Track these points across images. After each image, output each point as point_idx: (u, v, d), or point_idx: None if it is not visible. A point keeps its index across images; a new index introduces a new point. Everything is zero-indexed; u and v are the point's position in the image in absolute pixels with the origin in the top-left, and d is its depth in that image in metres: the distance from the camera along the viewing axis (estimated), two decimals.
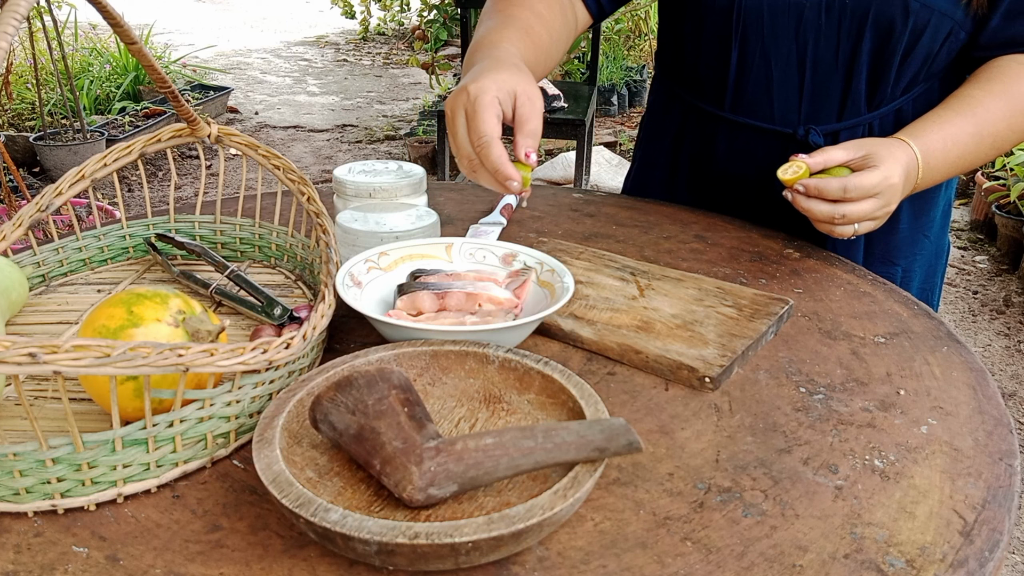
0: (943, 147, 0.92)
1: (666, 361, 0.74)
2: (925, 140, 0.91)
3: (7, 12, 0.53)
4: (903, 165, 0.88)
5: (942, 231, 1.13)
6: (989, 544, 0.55)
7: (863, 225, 0.89)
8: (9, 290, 0.79)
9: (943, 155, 0.92)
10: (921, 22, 0.93)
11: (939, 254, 1.14)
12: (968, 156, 0.93)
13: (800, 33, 0.98)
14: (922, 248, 1.10)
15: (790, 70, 1.01)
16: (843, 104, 1.01)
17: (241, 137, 0.90)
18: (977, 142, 0.93)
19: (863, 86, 1.00)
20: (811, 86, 1.01)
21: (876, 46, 0.96)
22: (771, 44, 1.01)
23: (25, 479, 0.56)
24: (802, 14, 0.97)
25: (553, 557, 0.54)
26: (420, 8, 4.82)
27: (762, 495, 0.60)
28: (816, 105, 1.02)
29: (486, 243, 0.87)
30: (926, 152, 0.91)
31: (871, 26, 0.95)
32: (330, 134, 5.01)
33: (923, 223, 1.09)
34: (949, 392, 0.73)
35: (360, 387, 0.57)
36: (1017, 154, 3.13)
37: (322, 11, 8.99)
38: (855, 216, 0.87)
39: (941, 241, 1.13)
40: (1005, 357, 2.63)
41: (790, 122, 1.04)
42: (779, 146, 1.05)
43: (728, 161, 1.10)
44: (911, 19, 0.93)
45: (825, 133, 1.03)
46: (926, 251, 1.11)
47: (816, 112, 1.03)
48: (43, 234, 2.31)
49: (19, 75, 4.45)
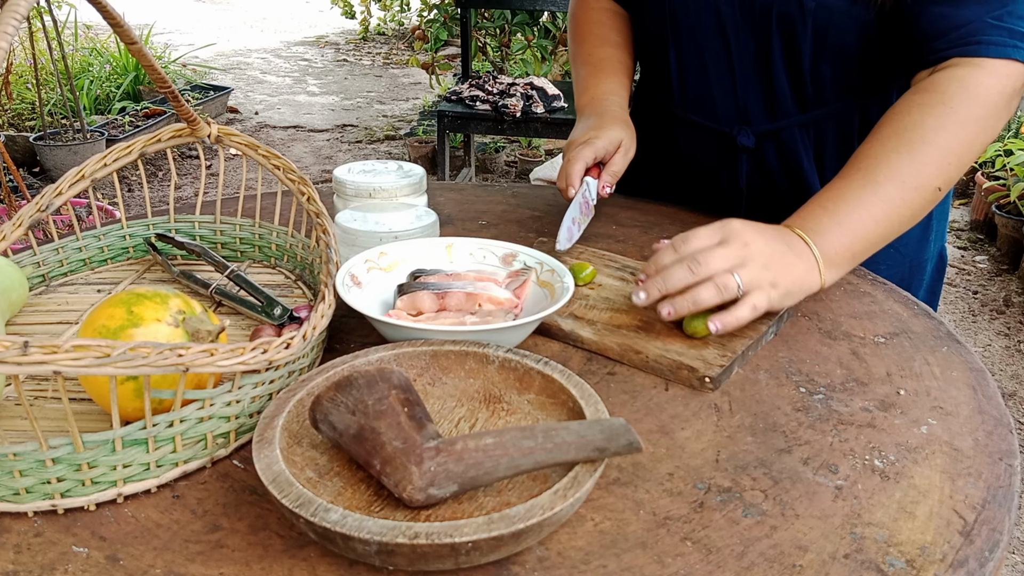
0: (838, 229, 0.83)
1: (666, 361, 0.74)
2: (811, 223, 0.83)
3: (7, 12, 0.53)
4: (752, 223, 0.80)
5: (920, 246, 1.07)
6: (989, 544, 0.55)
7: (745, 274, 0.76)
8: (9, 290, 0.79)
9: (837, 226, 0.83)
10: (821, 22, 0.91)
11: (915, 270, 1.08)
12: (881, 227, 0.84)
13: (722, 31, 0.99)
14: (888, 259, 1.02)
15: (722, 68, 1.02)
16: (771, 104, 1.01)
17: (241, 137, 0.90)
18: (887, 213, 0.83)
19: (785, 86, 0.99)
20: (741, 85, 1.01)
21: (785, 45, 0.95)
22: (702, 41, 1.01)
23: (25, 479, 0.56)
24: (719, 11, 0.97)
25: (553, 557, 0.54)
26: (420, 8, 4.82)
27: (762, 495, 0.60)
28: (749, 104, 1.02)
29: (486, 243, 0.87)
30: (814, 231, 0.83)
31: (776, 26, 0.94)
32: (330, 134, 5.01)
33: None
34: (949, 392, 0.73)
35: (360, 387, 0.57)
36: (1017, 154, 3.13)
37: (322, 11, 8.99)
38: (707, 262, 0.76)
39: (919, 256, 1.08)
40: (1005, 357, 2.63)
41: (730, 121, 1.05)
42: (723, 145, 1.06)
43: (691, 159, 1.12)
44: (809, 19, 0.91)
45: (760, 133, 1.03)
46: (896, 265, 1.05)
47: (749, 111, 1.03)
48: (43, 234, 2.31)
49: (19, 75, 4.44)
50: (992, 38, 0.83)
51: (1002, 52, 0.83)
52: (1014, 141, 3.30)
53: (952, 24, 0.84)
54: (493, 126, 3.22)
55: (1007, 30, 0.83)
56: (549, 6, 3.51)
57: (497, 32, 4.33)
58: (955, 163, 0.84)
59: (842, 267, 0.84)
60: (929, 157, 0.83)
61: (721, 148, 1.07)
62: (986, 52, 0.83)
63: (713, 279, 0.75)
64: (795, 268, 0.80)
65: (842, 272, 0.85)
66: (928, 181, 0.84)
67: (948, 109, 0.83)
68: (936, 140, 0.83)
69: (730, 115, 1.04)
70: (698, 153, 1.10)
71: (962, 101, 0.84)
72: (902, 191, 0.83)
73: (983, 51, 0.83)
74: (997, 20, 0.83)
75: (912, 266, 1.08)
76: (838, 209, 0.83)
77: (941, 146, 0.83)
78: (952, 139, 0.84)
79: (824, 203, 0.84)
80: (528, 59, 4.34)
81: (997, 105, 0.85)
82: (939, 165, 0.84)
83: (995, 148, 3.30)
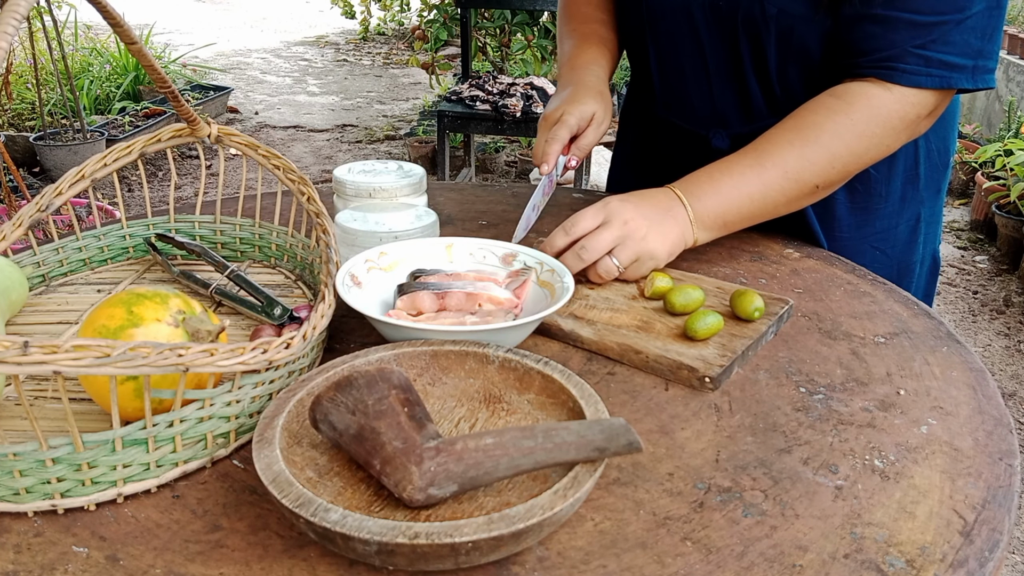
0: (714, 189, 0.90)
1: (666, 361, 0.74)
2: (689, 183, 0.91)
3: (7, 12, 0.53)
4: (631, 195, 0.90)
5: (908, 248, 1.08)
6: (989, 544, 0.55)
7: (622, 255, 0.86)
8: (9, 290, 0.79)
9: (711, 184, 0.91)
10: (784, 26, 0.92)
11: (904, 272, 1.09)
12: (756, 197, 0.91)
13: (696, 34, 1.00)
14: (875, 261, 1.05)
15: (697, 71, 1.03)
16: (746, 107, 1.02)
17: (241, 137, 0.90)
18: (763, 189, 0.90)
19: (756, 89, 0.99)
20: (716, 87, 1.02)
21: (752, 49, 0.96)
22: (679, 45, 1.02)
23: (25, 479, 0.56)
24: (692, 15, 0.98)
25: (553, 557, 0.54)
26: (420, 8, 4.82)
27: (762, 495, 0.60)
28: (725, 107, 1.03)
29: (486, 243, 0.87)
30: (688, 185, 0.91)
31: (742, 30, 0.95)
32: (330, 134, 5.01)
33: (867, 233, 1.05)
34: (949, 392, 0.73)
35: (360, 387, 0.57)
36: (1017, 154, 3.13)
37: (322, 11, 8.99)
38: (593, 247, 0.85)
39: (907, 259, 1.08)
40: (1005, 357, 2.63)
41: (706, 123, 1.06)
42: (699, 147, 1.06)
43: (672, 161, 1.12)
44: (771, 24, 0.92)
45: (736, 136, 1.03)
46: (883, 267, 1.06)
47: (725, 114, 1.04)
48: (43, 234, 2.31)
49: (19, 75, 4.45)
50: (908, 66, 0.87)
51: (913, 81, 0.87)
52: (1014, 141, 3.30)
53: (877, 46, 0.88)
54: (493, 126, 3.22)
55: (924, 58, 0.86)
56: (549, 6, 3.51)
57: (497, 32, 4.33)
58: (839, 168, 0.91)
59: (713, 231, 0.92)
60: (817, 156, 0.89)
61: (697, 150, 1.07)
62: (898, 79, 0.87)
63: (596, 266, 0.86)
64: (670, 233, 0.89)
65: (713, 235, 0.93)
66: (809, 177, 0.90)
67: (849, 119, 0.88)
68: (829, 143, 0.89)
69: (706, 117, 1.05)
70: (675, 155, 1.11)
71: (864, 117, 0.88)
72: (783, 180, 0.90)
73: (896, 78, 0.87)
74: (919, 48, 0.86)
75: (900, 268, 1.09)
76: (722, 180, 0.91)
77: (831, 150, 0.89)
78: (843, 147, 0.89)
79: (712, 172, 0.92)
80: (528, 59, 4.34)
81: (896, 128, 0.89)
82: (823, 166, 0.90)
83: (995, 148, 3.30)
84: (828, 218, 1.03)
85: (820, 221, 1.04)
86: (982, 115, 4.55)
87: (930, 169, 1.05)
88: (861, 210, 1.04)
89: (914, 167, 1.04)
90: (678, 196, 0.90)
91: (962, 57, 0.85)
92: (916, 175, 1.04)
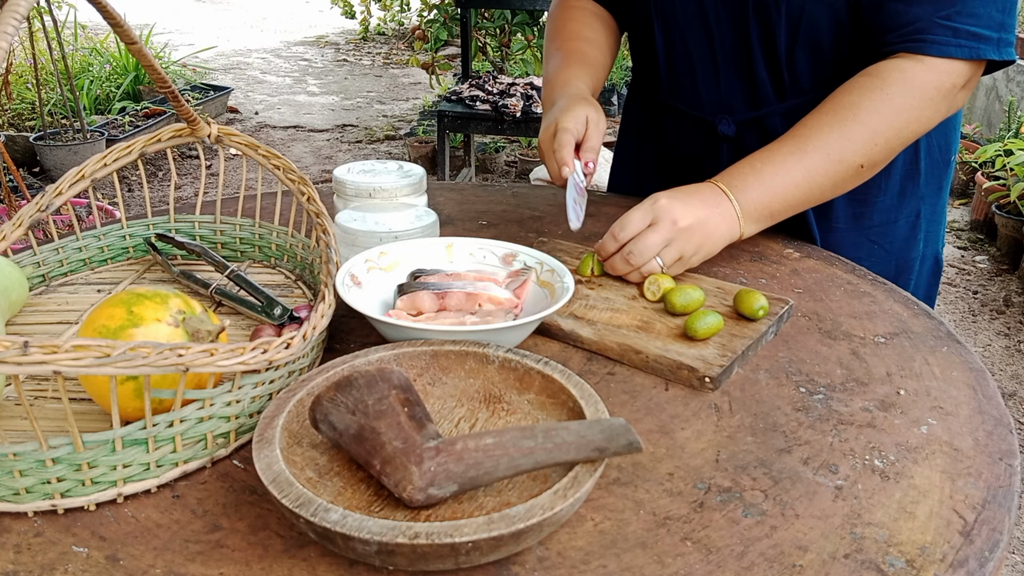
0: (759, 179, 0.90)
1: (666, 361, 0.74)
2: (732, 175, 0.91)
3: (7, 12, 0.53)
4: (677, 191, 0.89)
5: (907, 245, 1.08)
6: (989, 544, 0.55)
7: (668, 255, 0.86)
8: (9, 290, 0.79)
9: (756, 176, 0.91)
10: (794, 10, 0.93)
11: (903, 269, 1.09)
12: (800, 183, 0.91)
13: (704, 18, 1.00)
14: (872, 256, 1.06)
15: (705, 56, 1.03)
16: (752, 93, 1.02)
17: (241, 137, 0.90)
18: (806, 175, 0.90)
19: (764, 74, 1.00)
20: (723, 73, 1.03)
21: (762, 32, 0.97)
22: (686, 30, 1.03)
23: (25, 479, 0.55)
24: (702, 0, 0.99)
25: (553, 557, 0.54)
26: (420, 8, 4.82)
27: (762, 495, 0.60)
28: (731, 93, 1.03)
29: (486, 243, 0.87)
30: (733, 178, 0.91)
31: (752, 13, 0.96)
32: (330, 134, 5.01)
33: (865, 226, 1.06)
34: (949, 392, 0.73)
35: (360, 387, 0.57)
36: (1017, 154, 3.13)
37: (322, 11, 8.99)
38: (641, 252, 0.85)
39: (906, 255, 1.08)
40: (1005, 357, 2.63)
41: (713, 109, 1.06)
42: (705, 134, 1.07)
43: (677, 149, 1.13)
44: (783, 6, 0.93)
45: (742, 122, 1.04)
46: (881, 261, 1.06)
47: (732, 100, 1.04)
48: (43, 234, 2.31)
49: (19, 75, 4.44)
50: (936, 37, 0.87)
51: (943, 51, 0.87)
52: (1014, 141, 3.30)
53: (902, 21, 0.89)
54: (493, 126, 3.22)
55: (952, 29, 0.87)
56: (549, 6, 3.51)
57: (497, 32, 4.32)
58: (881, 144, 0.90)
59: (760, 222, 0.92)
60: (857, 135, 0.89)
61: (703, 137, 1.08)
62: (928, 50, 0.88)
63: (640, 270, 0.87)
64: (718, 230, 0.89)
65: (760, 227, 0.93)
66: (852, 157, 0.90)
67: (885, 95, 0.88)
68: (868, 121, 0.89)
69: (713, 104, 1.05)
70: (682, 142, 1.12)
71: (899, 90, 0.88)
72: (826, 163, 0.90)
73: (926, 49, 0.88)
74: (944, 20, 0.87)
75: (899, 265, 1.09)
76: (764, 169, 0.91)
77: (871, 127, 0.89)
78: (882, 122, 0.89)
79: (754, 163, 0.92)
80: (528, 59, 4.35)
81: (933, 99, 0.89)
82: (865, 143, 0.89)
83: (995, 148, 3.30)
84: (825, 208, 1.03)
85: (817, 212, 1.04)
86: (982, 115, 4.55)
87: (931, 165, 1.05)
88: (858, 202, 1.04)
89: (914, 161, 1.04)
90: (723, 191, 0.90)
91: (987, 29, 0.87)
92: (916, 170, 1.05)
